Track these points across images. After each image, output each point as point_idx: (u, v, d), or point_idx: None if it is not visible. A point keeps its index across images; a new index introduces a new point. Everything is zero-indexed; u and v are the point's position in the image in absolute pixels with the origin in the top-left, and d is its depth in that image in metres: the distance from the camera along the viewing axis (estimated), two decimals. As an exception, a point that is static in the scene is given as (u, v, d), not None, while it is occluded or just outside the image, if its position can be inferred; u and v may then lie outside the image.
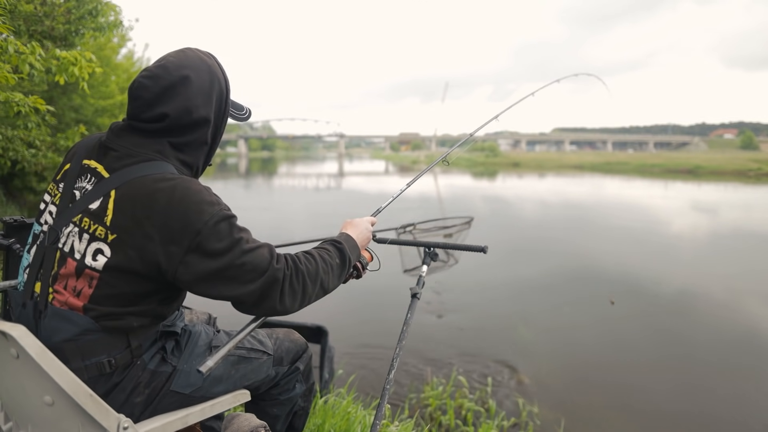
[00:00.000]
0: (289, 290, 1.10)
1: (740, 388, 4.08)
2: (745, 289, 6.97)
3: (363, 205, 16.79)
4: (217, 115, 1.22)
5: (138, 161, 1.09)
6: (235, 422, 1.38)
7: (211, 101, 1.19)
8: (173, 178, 1.07)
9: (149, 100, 1.11)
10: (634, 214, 15.08)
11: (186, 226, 1.02)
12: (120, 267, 1.04)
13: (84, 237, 1.06)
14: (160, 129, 1.13)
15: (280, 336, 1.51)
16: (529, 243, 10.32)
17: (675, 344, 4.95)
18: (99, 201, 1.07)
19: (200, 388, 1.26)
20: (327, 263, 1.20)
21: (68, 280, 1.07)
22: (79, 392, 0.96)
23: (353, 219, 1.50)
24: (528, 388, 4.04)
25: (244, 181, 29.97)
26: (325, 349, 3.45)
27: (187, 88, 1.13)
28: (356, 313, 5.74)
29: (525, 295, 6.70)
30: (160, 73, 1.12)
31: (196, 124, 1.16)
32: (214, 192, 1.11)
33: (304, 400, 1.58)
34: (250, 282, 1.06)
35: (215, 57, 1.25)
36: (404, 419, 2.89)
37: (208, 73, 1.19)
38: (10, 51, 2.63)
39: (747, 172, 37.44)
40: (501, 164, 55.08)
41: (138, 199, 1.04)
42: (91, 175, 1.11)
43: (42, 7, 4.11)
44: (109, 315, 1.07)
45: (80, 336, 1.05)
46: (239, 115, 1.34)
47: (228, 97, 1.24)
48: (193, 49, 1.22)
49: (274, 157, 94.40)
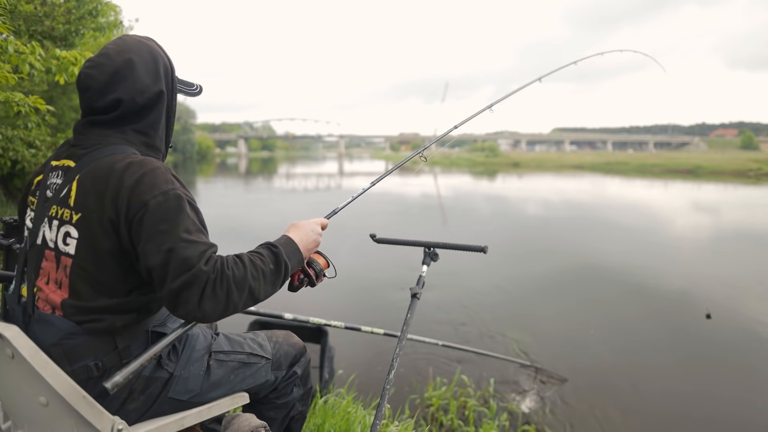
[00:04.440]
0: (211, 295, 1.00)
1: (746, 389, 4.07)
2: (748, 290, 6.96)
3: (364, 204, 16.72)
4: (168, 90, 1.23)
5: (100, 147, 1.12)
6: (235, 422, 1.38)
7: (160, 77, 1.20)
8: (133, 157, 1.10)
9: (98, 88, 1.13)
10: (634, 214, 15.07)
11: (134, 198, 1.02)
12: (89, 246, 1.05)
13: (54, 224, 1.09)
14: (118, 117, 1.14)
15: (279, 339, 1.50)
16: (531, 243, 10.31)
17: (680, 345, 4.94)
18: (66, 188, 1.09)
19: (198, 394, 1.25)
20: (258, 269, 1.10)
21: (50, 273, 1.08)
22: (72, 394, 0.96)
23: (299, 221, 1.37)
24: (530, 389, 4.04)
25: (243, 181, 29.97)
26: (325, 349, 3.45)
27: (133, 71, 1.14)
28: (356, 313, 5.73)
29: (527, 295, 6.69)
30: (104, 61, 1.14)
31: (152, 101, 1.17)
32: (175, 174, 1.11)
33: (302, 404, 1.57)
34: (172, 276, 0.98)
35: (154, 39, 1.26)
36: (404, 419, 2.88)
37: (150, 53, 1.20)
38: (10, 51, 2.63)
39: (747, 172, 37.39)
40: (501, 164, 55.01)
41: (97, 177, 1.06)
42: (60, 171, 1.14)
43: (42, 7, 4.11)
44: (90, 312, 1.05)
45: (64, 340, 1.04)
46: (190, 90, 1.36)
47: (174, 74, 1.25)
48: (129, 35, 1.24)
49: (274, 157, 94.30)
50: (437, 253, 1.95)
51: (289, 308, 2.78)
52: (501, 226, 12.73)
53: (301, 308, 6.08)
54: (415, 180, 30.84)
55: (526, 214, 15.29)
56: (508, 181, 31.52)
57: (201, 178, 32.45)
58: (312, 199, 19.30)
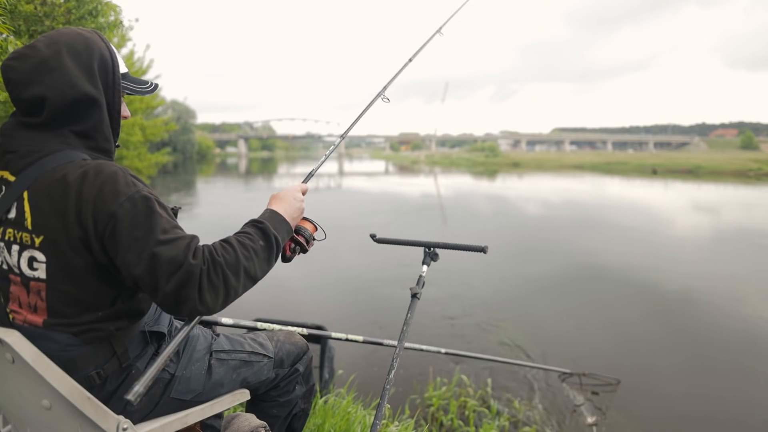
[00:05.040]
0: (209, 287, 0.97)
1: (746, 389, 4.07)
2: (750, 289, 6.96)
3: (364, 204, 16.80)
4: (107, 88, 1.09)
5: (42, 156, 1.00)
6: (235, 422, 1.38)
7: (94, 72, 1.06)
8: (84, 164, 0.99)
9: (20, 80, 1.00)
10: (635, 214, 15.07)
11: (100, 210, 0.94)
12: (60, 268, 0.98)
13: (13, 249, 1.00)
14: (51, 117, 1.01)
15: (281, 339, 1.50)
16: (532, 243, 10.31)
17: (682, 345, 4.95)
18: (14, 207, 1.00)
19: (201, 393, 1.24)
20: (248, 248, 1.07)
21: (20, 298, 1.02)
22: (77, 396, 0.96)
23: (279, 191, 1.31)
24: (530, 389, 4.04)
25: (243, 181, 29.97)
26: (325, 349, 3.44)
27: (61, 62, 1.02)
28: (356, 312, 5.73)
29: (527, 295, 6.69)
30: (28, 52, 1.02)
31: (85, 98, 1.04)
32: (131, 174, 1.03)
33: (304, 402, 1.57)
34: (164, 280, 0.94)
35: (99, 33, 1.13)
36: (405, 419, 2.88)
37: (85, 45, 1.06)
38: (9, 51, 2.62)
39: (747, 172, 37.38)
40: (501, 164, 55.01)
41: (52, 193, 0.97)
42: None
43: (42, 7, 4.11)
44: (80, 325, 1.02)
45: (61, 352, 1.01)
46: (142, 88, 1.21)
47: (116, 70, 1.11)
48: (69, 27, 1.11)
49: (274, 157, 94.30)
50: (437, 253, 1.95)
51: (290, 309, 2.78)
52: (501, 226, 12.73)
53: (302, 309, 6.07)
54: (415, 180, 30.81)
55: (527, 214, 15.29)
56: (508, 181, 31.51)
57: (201, 178, 32.45)
58: (312, 199, 19.26)
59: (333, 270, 7.71)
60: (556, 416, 3.64)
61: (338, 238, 10.14)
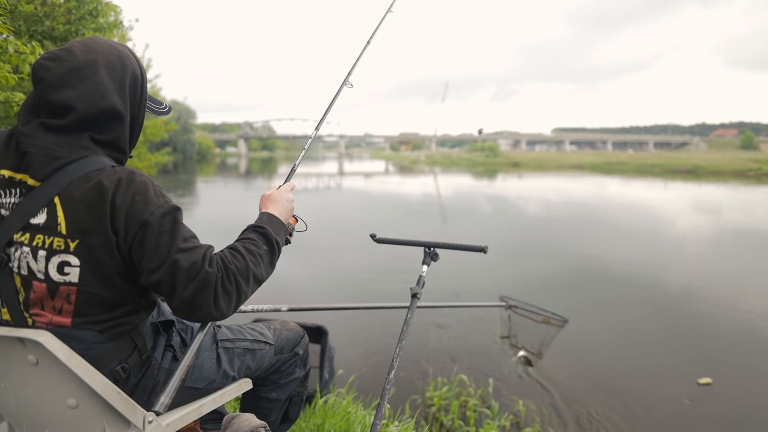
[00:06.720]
0: (223, 293, 1.04)
1: (747, 388, 4.07)
2: (751, 289, 6.96)
3: (364, 204, 16.80)
4: (134, 103, 1.12)
5: (68, 162, 1.01)
6: (235, 422, 1.38)
7: (125, 88, 1.09)
8: (117, 171, 1.02)
9: (52, 81, 1.00)
10: (635, 214, 15.08)
11: (132, 218, 0.99)
12: (94, 272, 1.01)
13: (40, 255, 1.00)
14: (75, 122, 1.02)
15: (277, 327, 1.56)
16: (532, 243, 10.31)
17: (681, 344, 4.95)
18: (43, 213, 0.99)
19: (213, 381, 1.31)
20: (255, 255, 1.13)
21: (44, 302, 1.02)
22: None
23: (270, 192, 1.39)
24: (531, 389, 4.04)
25: (243, 181, 29.97)
26: (325, 349, 3.44)
27: (95, 72, 1.04)
28: (356, 313, 5.73)
29: (527, 295, 6.67)
30: (64, 56, 1.03)
31: (111, 110, 1.05)
32: (158, 184, 1.07)
33: (301, 386, 1.63)
34: (181, 285, 1.00)
35: (129, 48, 1.16)
36: (405, 419, 2.89)
37: (119, 59, 1.09)
38: (10, 51, 2.62)
39: (747, 172, 37.38)
40: (501, 164, 55.04)
41: (88, 198, 0.98)
42: (14, 188, 1.02)
43: (42, 7, 4.11)
44: (105, 322, 1.05)
45: (86, 350, 1.03)
46: (158, 108, 1.26)
47: (144, 87, 1.15)
48: (101, 37, 1.13)
49: (274, 157, 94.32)
50: (437, 253, 1.96)
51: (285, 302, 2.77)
52: (501, 225, 12.73)
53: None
54: (415, 180, 30.81)
55: (527, 213, 15.29)
56: (508, 181, 31.52)
57: (201, 178, 32.46)
58: (312, 199, 19.29)
59: (333, 270, 7.71)
60: (557, 416, 3.64)
61: (338, 238, 10.14)
